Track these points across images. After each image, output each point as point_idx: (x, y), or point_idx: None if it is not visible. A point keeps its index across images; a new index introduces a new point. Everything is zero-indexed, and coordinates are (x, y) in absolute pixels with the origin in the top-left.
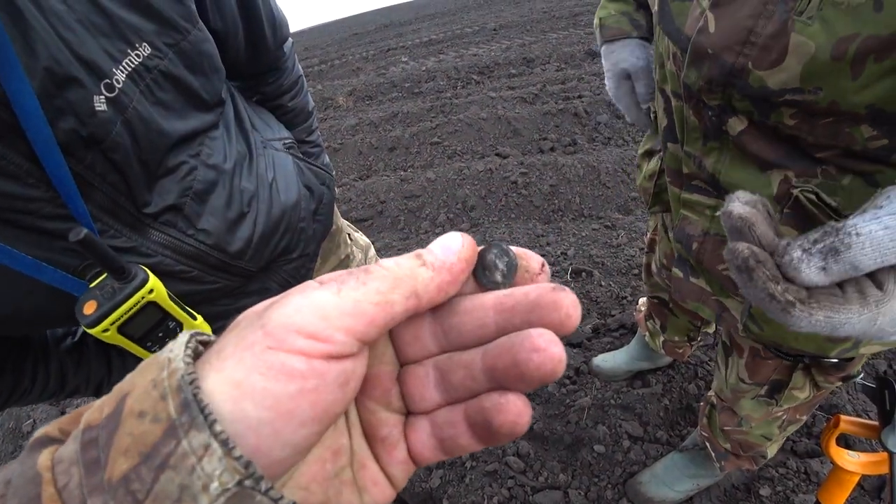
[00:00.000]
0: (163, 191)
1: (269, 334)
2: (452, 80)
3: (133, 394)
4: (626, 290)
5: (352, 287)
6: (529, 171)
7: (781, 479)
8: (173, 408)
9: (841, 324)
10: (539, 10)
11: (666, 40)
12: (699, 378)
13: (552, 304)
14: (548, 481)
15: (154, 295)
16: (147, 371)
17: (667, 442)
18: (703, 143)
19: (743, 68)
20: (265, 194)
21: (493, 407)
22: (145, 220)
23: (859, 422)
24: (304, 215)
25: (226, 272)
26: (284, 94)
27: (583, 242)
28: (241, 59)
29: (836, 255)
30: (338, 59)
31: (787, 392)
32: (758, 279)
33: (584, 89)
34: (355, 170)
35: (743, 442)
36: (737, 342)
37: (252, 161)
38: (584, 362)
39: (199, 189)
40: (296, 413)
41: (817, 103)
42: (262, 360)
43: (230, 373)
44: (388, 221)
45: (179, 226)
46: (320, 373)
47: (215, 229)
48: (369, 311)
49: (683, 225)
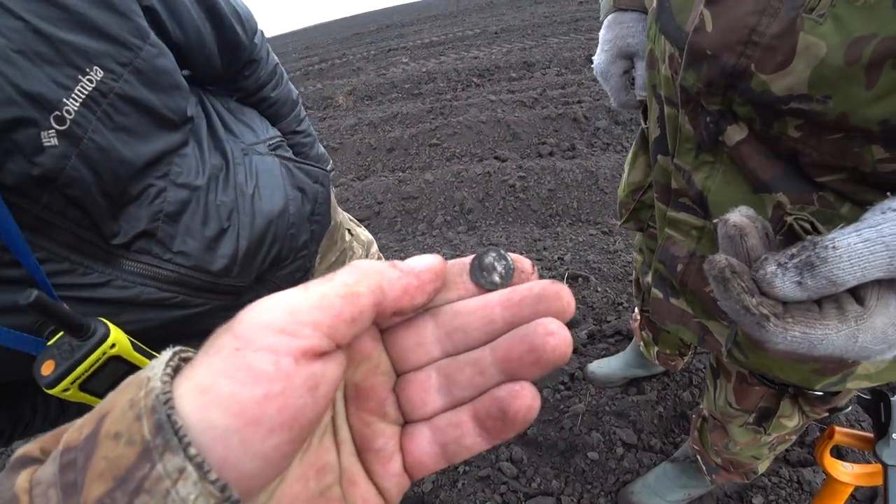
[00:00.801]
0: (130, 218)
1: (238, 336)
2: (453, 83)
3: (111, 414)
4: (622, 297)
5: (318, 283)
6: (528, 175)
7: (774, 487)
8: (147, 429)
9: (819, 340)
10: (540, 15)
11: (662, 40)
12: (694, 386)
13: (555, 294)
14: (541, 487)
15: (117, 349)
16: (126, 390)
17: (660, 450)
18: (696, 154)
19: (745, 70)
20: (246, 206)
21: (508, 395)
22: (116, 251)
23: (854, 433)
24: (293, 221)
25: (213, 292)
26: (265, 86)
27: (580, 248)
28: (217, 65)
29: (811, 270)
30: (338, 58)
31: (775, 420)
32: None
33: (584, 95)
34: (353, 170)
35: (733, 460)
36: (724, 366)
37: (229, 172)
38: (579, 368)
39: (170, 211)
40: (263, 420)
41: (826, 115)
42: (229, 363)
43: (199, 379)
44: (385, 222)
45: (154, 252)
46: (287, 375)
47: (194, 250)
48: (336, 303)
49: (668, 245)
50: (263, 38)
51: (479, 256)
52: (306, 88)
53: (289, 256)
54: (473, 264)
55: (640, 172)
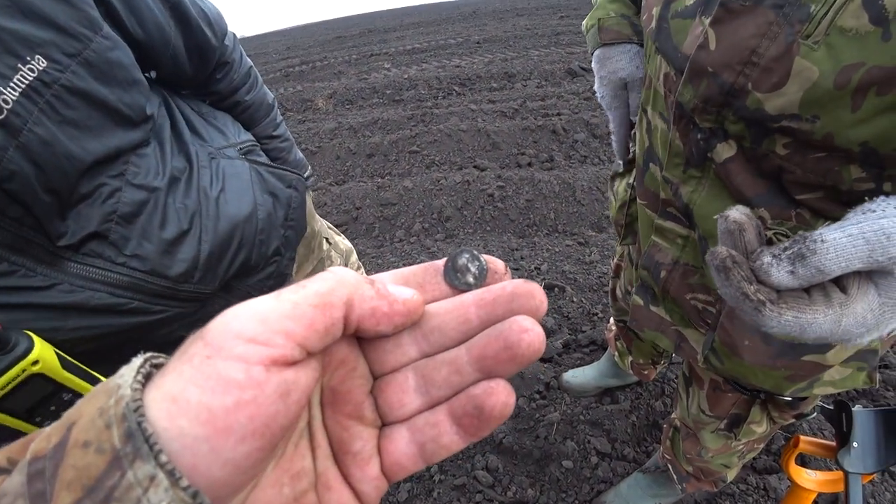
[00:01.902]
0: (80, 218)
1: (208, 343)
2: (434, 90)
3: (79, 423)
4: (597, 307)
5: (291, 291)
6: (506, 185)
7: (742, 494)
8: (117, 437)
9: (808, 323)
10: (522, 27)
11: (658, 59)
12: (666, 395)
13: (528, 293)
14: (516, 496)
15: (40, 367)
16: (95, 398)
17: (633, 459)
18: (684, 169)
19: (742, 89)
20: (210, 209)
21: (483, 392)
22: (62, 253)
23: (817, 442)
24: (263, 226)
25: (173, 299)
26: (239, 89)
27: (556, 258)
28: (185, 67)
29: (802, 260)
30: (319, 61)
31: (745, 427)
32: (733, 278)
33: (563, 107)
34: (332, 174)
35: (704, 469)
36: (697, 374)
37: (192, 175)
38: (555, 377)
39: (125, 212)
40: (233, 428)
41: (813, 134)
42: (199, 372)
43: (168, 387)
44: (362, 228)
45: (106, 255)
46: (258, 383)
47: (150, 254)
48: (308, 313)
49: (653, 252)
50: (236, 41)
51: (453, 258)
52: (286, 90)
53: (259, 263)
54: (447, 266)
55: (623, 192)
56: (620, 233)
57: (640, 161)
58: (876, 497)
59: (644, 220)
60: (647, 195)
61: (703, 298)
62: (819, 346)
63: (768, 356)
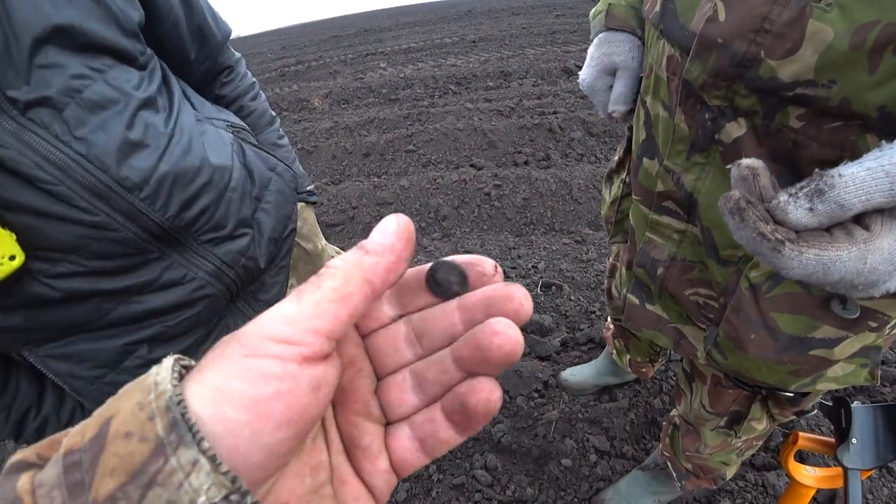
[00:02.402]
0: (41, 80)
1: (245, 345)
2: (430, 89)
3: (118, 416)
4: (594, 305)
5: (309, 293)
6: (503, 184)
7: (741, 491)
8: (161, 427)
9: (832, 261)
10: (518, 26)
11: (661, 44)
12: (664, 393)
13: (506, 296)
14: (515, 495)
15: None
16: (131, 395)
17: (632, 457)
18: (688, 156)
19: (755, 57)
20: (182, 140)
21: (466, 390)
22: (6, 106)
23: (816, 438)
24: (235, 185)
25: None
26: (243, 96)
27: (553, 256)
28: (187, 51)
29: (821, 196)
30: (315, 60)
31: (745, 424)
32: (748, 219)
33: (560, 106)
34: (328, 174)
35: (703, 466)
36: (699, 370)
37: (172, 115)
38: (553, 376)
39: (90, 98)
40: (273, 414)
41: (829, 100)
42: (239, 366)
43: (210, 381)
44: (359, 227)
45: (53, 129)
46: (294, 376)
47: (102, 144)
48: (331, 308)
49: (648, 249)
50: (242, 59)
51: (432, 275)
52: (282, 90)
53: (226, 223)
54: (430, 282)
55: (616, 188)
56: (610, 230)
57: (635, 155)
58: (874, 493)
59: (639, 216)
60: (642, 191)
61: (705, 293)
62: (827, 341)
63: (775, 350)
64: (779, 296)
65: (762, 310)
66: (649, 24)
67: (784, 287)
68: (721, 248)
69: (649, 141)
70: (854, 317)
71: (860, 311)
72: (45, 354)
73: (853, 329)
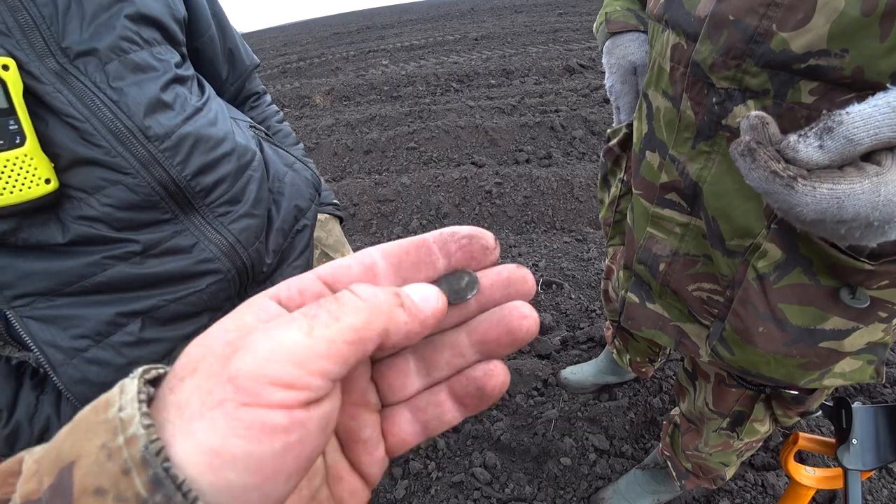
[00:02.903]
0: (95, 35)
1: (241, 389)
2: (432, 87)
3: (81, 464)
4: (595, 304)
5: (324, 324)
6: (504, 182)
7: (740, 491)
8: (141, 485)
9: (846, 195)
10: (520, 24)
11: (665, 35)
12: (664, 392)
13: (521, 278)
14: (514, 493)
15: (9, 74)
16: (93, 434)
17: (631, 456)
18: (693, 144)
19: (766, 32)
20: (210, 115)
21: (484, 375)
22: (57, 53)
23: (817, 439)
24: (257, 167)
25: (129, 149)
26: (271, 118)
27: (554, 255)
28: (220, 69)
29: (829, 133)
30: (317, 57)
31: (748, 425)
32: (760, 158)
33: (562, 104)
34: (329, 170)
35: (703, 466)
36: (702, 368)
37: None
38: (553, 374)
39: (134, 60)
40: (283, 469)
41: (842, 70)
42: (238, 421)
43: (203, 438)
44: (360, 224)
45: (94, 77)
46: (302, 422)
47: (133, 96)
48: (344, 351)
49: (650, 244)
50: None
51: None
52: (283, 87)
53: (240, 199)
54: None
55: (615, 188)
56: (608, 233)
57: (637, 150)
58: (873, 493)
59: (640, 211)
60: (644, 184)
61: (709, 287)
62: (836, 332)
63: (783, 342)
64: (787, 286)
65: (770, 301)
66: (652, 20)
67: (792, 277)
68: (727, 238)
69: (651, 134)
70: (863, 306)
71: (869, 301)
72: (30, 315)
73: (863, 320)
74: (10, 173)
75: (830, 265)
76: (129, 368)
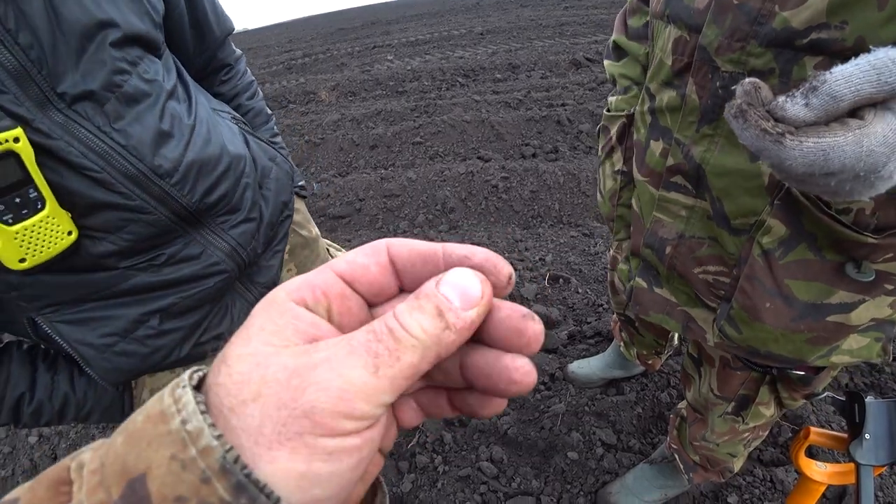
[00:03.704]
0: (87, 74)
1: (319, 423)
2: (437, 81)
3: (154, 475)
4: (602, 298)
5: (387, 364)
6: (510, 176)
7: (748, 487)
8: (224, 490)
9: (831, 147)
10: (526, 18)
11: (666, 32)
12: (671, 387)
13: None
14: (521, 487)
15: (20, 146)
16: (158, 445)
17: (639, 450)
18: (698, 128)
19: (769, 12)
20: (202, 130)
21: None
22: (55, 100)
23: (828, 433)
24: (249, 173)
25: (142, 189)
26: (241, 94)
27: (561, 249)
28: (187, 42)
29: (814, 91)
30: (322, 53)
31: (753, 408)
32: (751, 118)
33: (568, 98)
34: (335, 166)
35: (710, 458)
36: (707, 353)
37: (192, 106)
38: (560, 368)
39: (128, 93)
40: (355, 477)
41: (844, 41)
42: (321, 448)
43: (288, 464)
44: (366, 219)
45: (96, 121)
46: (368, 439)
47: (138, 135)
48: (403, 385)
49: (656, 228)
50: (243, 58)
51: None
52: (289, 82)
53: (239, 208)
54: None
55: (610, 180)
56: (612, 228)
57: (644, 139)
58: (884, 490)
59: (646, 198)
60: (650, 172)
61: (715, 269)
62: (843, 306)
63: (791, 318)
64: (792, 262)
65: (776, 277)
66: (654, 19)
67: (797, 253)
68: (732, 217)
69: (655, 123)
70: (869, 280)
71: (875, 274)
72: (59, 320)
73: (869, 293)
74: (36, 236)
75: (835, 240)
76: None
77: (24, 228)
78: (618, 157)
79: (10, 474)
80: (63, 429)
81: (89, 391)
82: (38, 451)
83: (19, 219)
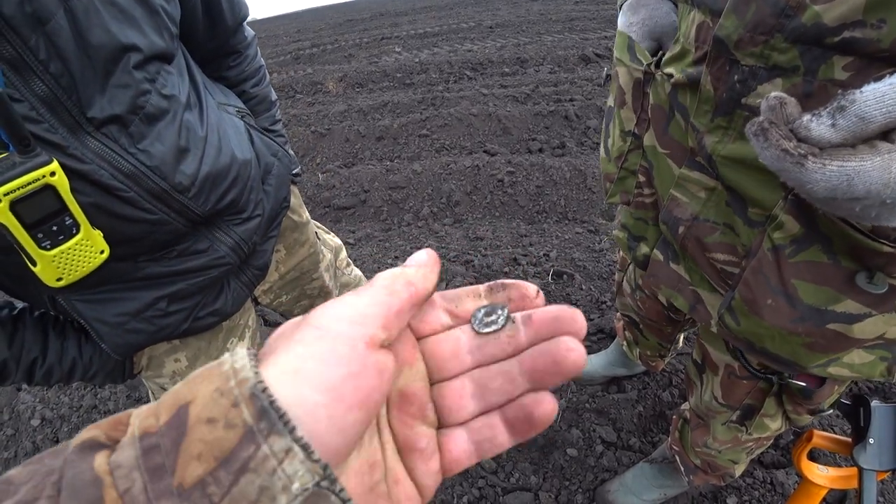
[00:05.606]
0: (113, 99)
1: (317, 326)
2: (445, 74)
3: (196, 402)
4: (605, 295)
5: (365, 290)
6: (516, 171)
7: (748, 488)
8: (249, 415)
9: (856, 172)
10: (535, 12)
11: (691, 16)
12: (673, 386)
13: (570, 318)
14: (519, 482)
15: (56, 179)
16: (208, 381)
17: (639, 449)
18: (712, 118)
19: (798, 4)
20: (213, 140)
21: (532, 402)
22: (85, 125)
23: (832, 437)
24: (254, 175)
25: (165, 204)
26: (247, 81)
27: (565, 245)
28: (199, 27)
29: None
30: (330, 44)
31: (758, 419)
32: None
33: (576, 93)
34: (341, 157)
35: (712, 463)
36: (711, 360)
37: (203, 108)
38: None
39: (150, 112)
40: (345, 396)
41: (879, 42)
42: (313, 348)
43: (287, 363)
44: (370, 211)
45: (122, 142)
46: (361, 358)
47: (160, 154)
48: (384, 299)
49: (672, 206)
50: (255, 39)
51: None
52: (296, 73)
53: (246, 208)
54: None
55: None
56: (608, 189)
57: (667, 107)
58: (885, 495)
59: (665, 171)
60: (672, 145)
61: (723, 259)
62: (847, 316)
63: (790, 319)
64: (802, 263)
65: (783, 275)
66: (680, 2)
67: (809, 254)
68: (749, 205)
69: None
70: (880, 292)
71: (887, 287)
72: (78, 299)
73: (878, 307)
74: (72, 258)
75: (850, 246)
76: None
77: (61, 252)
78: (627, 115)
79: (12, 456)
80: (65, 413)
81: (95, 356)
82: (40, 433)
83: (56, 244)
